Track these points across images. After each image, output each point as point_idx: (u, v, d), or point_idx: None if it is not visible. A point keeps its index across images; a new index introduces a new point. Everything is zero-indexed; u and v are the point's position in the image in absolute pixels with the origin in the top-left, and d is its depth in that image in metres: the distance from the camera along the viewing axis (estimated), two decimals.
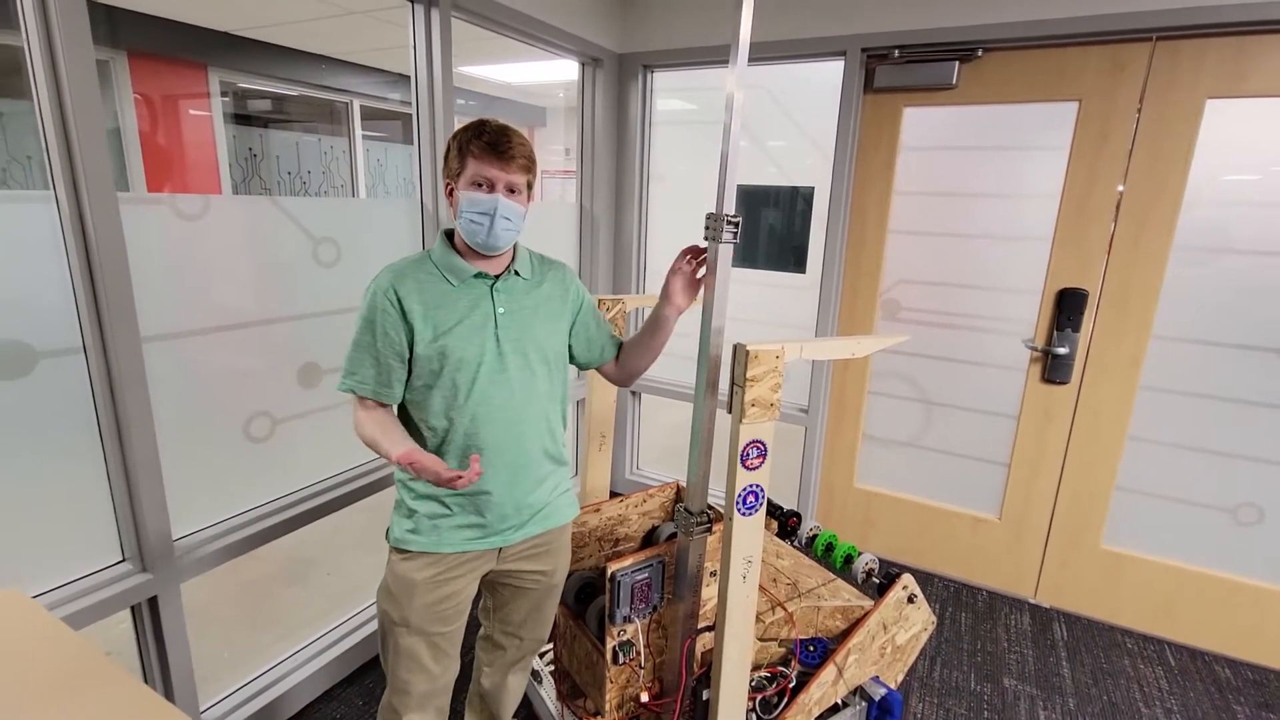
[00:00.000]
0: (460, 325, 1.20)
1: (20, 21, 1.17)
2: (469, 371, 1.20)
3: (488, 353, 1.21)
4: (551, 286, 1.33)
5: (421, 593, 1.23)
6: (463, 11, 2.01)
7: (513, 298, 1.26)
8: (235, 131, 4.00)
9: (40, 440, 1.27)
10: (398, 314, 1.18)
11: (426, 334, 1.18)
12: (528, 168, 1.22)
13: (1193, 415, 2.16)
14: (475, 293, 1.23)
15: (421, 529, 1.23)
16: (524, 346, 1.25)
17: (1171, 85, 2.01)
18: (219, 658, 1.97)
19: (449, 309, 1.20)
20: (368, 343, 1.19)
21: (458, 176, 1.21)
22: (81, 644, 0.88)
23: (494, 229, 1.19)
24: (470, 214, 1.18)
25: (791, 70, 2.56)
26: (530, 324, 1.27)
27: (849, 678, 1.61)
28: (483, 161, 1.17)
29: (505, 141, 1.18)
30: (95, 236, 1.24)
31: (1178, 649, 2.26)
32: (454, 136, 1.22)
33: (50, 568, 1.32)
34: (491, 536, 1.27)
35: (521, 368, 1.25)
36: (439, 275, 1.22)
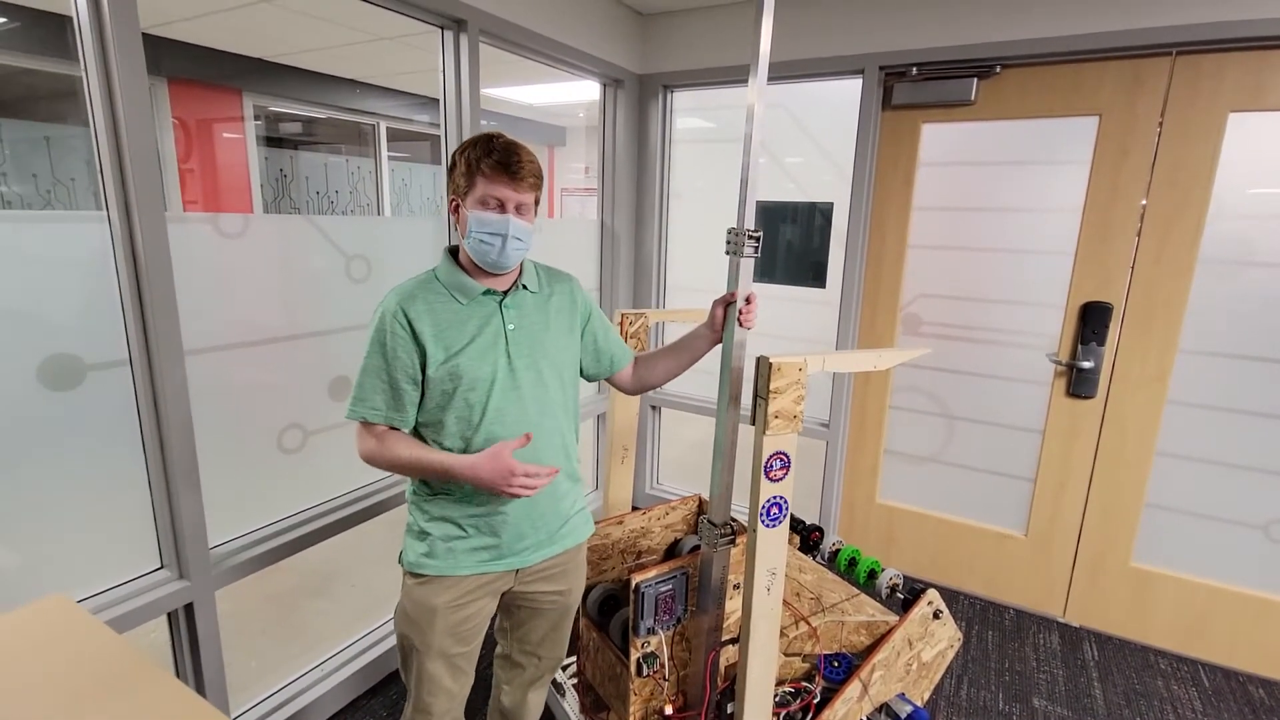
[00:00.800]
0: (472, 344, 1.18)
1: (79, 53, 1.24)
2: (483, 390, 1.18)
3: (500, 370, 1.20)
4: (560, 299, 1.32)
5: (441, 617, 1.22)
6: (490, 36, 2.07)
7: (522, 313, 1.25)
8: (267, 153, 4.14)
9: (87, 449, 1.32)
10: (409, 336, 1.15)
11: (439, 355, 1.16)
12: (537, 185, 1.20)
13: (1222, 430, 2.12)
14: (485, 310, 1.21)
15: (436, 552, 1.22)
16: (536, 361, 1.24)
17: (1193, 99, 2.01)
18: (247, 667, 2.00)
19: (460, 328, 1.18)
20: (378, 367, 1.16)
21: (465, 194, 1.18)
22: (126, 647, 0.91)
23: (505, 249, 1.17)
24: (481, 234, 1.16)
25: (810, 89, 2.59)
26: (541, 338, 1.26)
27: (874, 694, 1.59)
28: (494, 181, 1.15)
29: (516, 160, 1.16)
30: (144, 254, 1.30)
31: (1211, 669, 2.20)
32: (460, 152, 1.19)
33: (93, 573, 1.37)
34: (509, 557, 1.25)
35: (535, 383, 1.24)
36: (447, 295, 1.20)
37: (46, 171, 3.21)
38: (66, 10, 1.24)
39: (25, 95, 3.21)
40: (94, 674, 0.85)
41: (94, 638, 0.93)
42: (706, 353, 1.40)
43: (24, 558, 1.26)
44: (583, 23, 2.45)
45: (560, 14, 2.34)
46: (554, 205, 7.18)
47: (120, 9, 1.23)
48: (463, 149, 1.18)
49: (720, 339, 1.35)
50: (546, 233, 2.73)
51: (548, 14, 2.27)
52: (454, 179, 1.21)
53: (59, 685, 0.82)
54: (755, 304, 1.31)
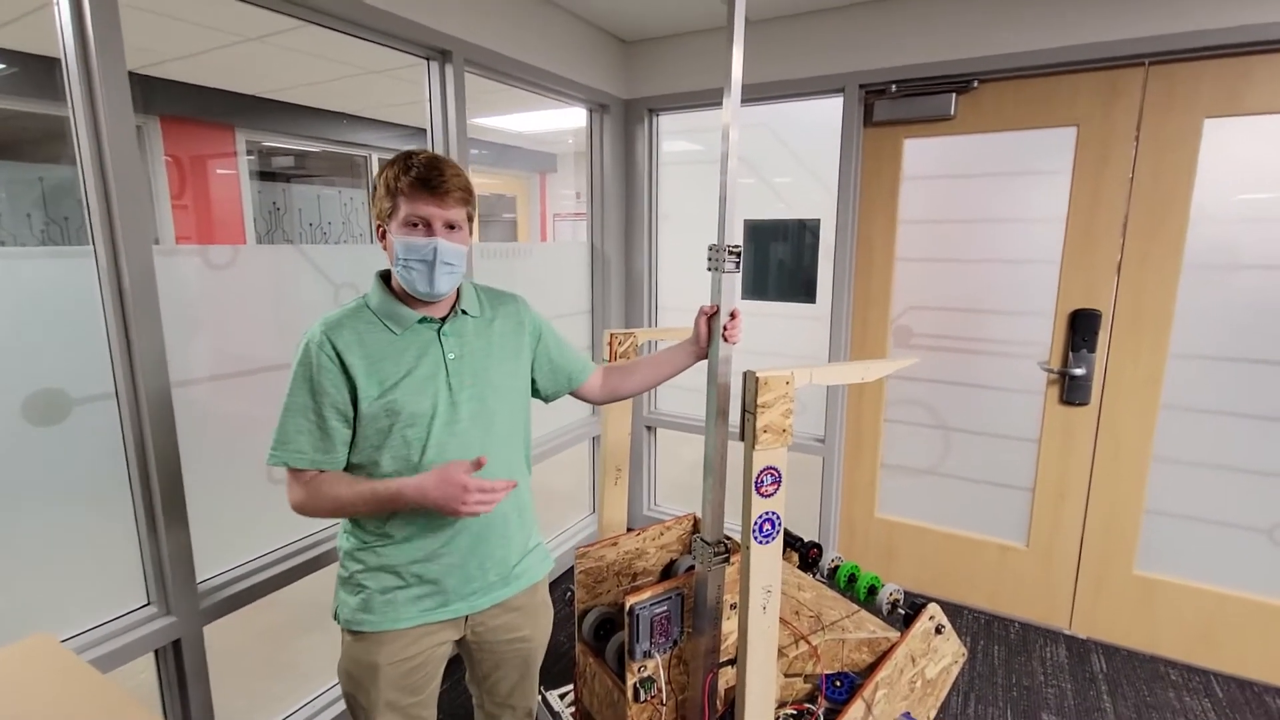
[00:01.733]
0: (408, 377, 1.10)
1: (67, 92, 1.26)
2: (421, 426, 1.10)
3: (441, 403, 1.11)
4: (505, 322, 1.25)
5: (385, 674, 1.13)
6: (476, 66, 2.11)
7: (463, 340, 1.17)
8: (260, 187, 4.18)
9: (73, 484, 1.31)
10: (337, 368, 1.06)
11: (371, 390, 1.08)
12: (466, 199, 1.12)
13: (1218, 433, 2.12)
14: (421, 339, 1.13)
15: (373, 606, 1.13)
16: (481, 392, 1.16)
17: (1169, 107, 2.05)
18: (236, 705, 1.96)
19: (394, 360, 1.10)
20: (303, 405, 1.07)
21: (389, 217, 1.09)
22: (110, 687, 0.89)
23: (435, 276, 1.08)
24: (408, 261, 1.07)
25: (792, 108, 2.63)
26: (485, 365, 1.18)
27: (879, 714, 1.56)
28: (415, 200, 1.06)
29: (438, 175, 1.06)
30: (130, 287, 1.30)
31: (1224, 679, 2.16)
32: (380, 174, 1.10)
33: (78, 611, 1.34)
34: (456, 603, 1.17)
35: (478, 415, 1.15)
36: (379, 324, 1.11)
37: (40, 211, 3.24)
38: (55, 53, 1.26)
39: (19, 138, 3.25)
40: (77, 716, 0.83)
41: (78, 678, 0.91)
42: (689, 366, 1.38)
43: (7, 595, 1.24)
44: (566, 50, 2.50)
45: (543, 42, 2.38)
46: (546, 230, 7.25)
47: (107, 49, 1.25)
48: (382, 170, 1.10)
49: (704, 353, 1.33)
50: (539, 256, 2.75)
51: (531, 42, 2.32)
52: (377, 203, 1.12)
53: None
54: (740, 319, 1.30)
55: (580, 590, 1.70)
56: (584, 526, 3.06)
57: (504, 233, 7.17)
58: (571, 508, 3.17)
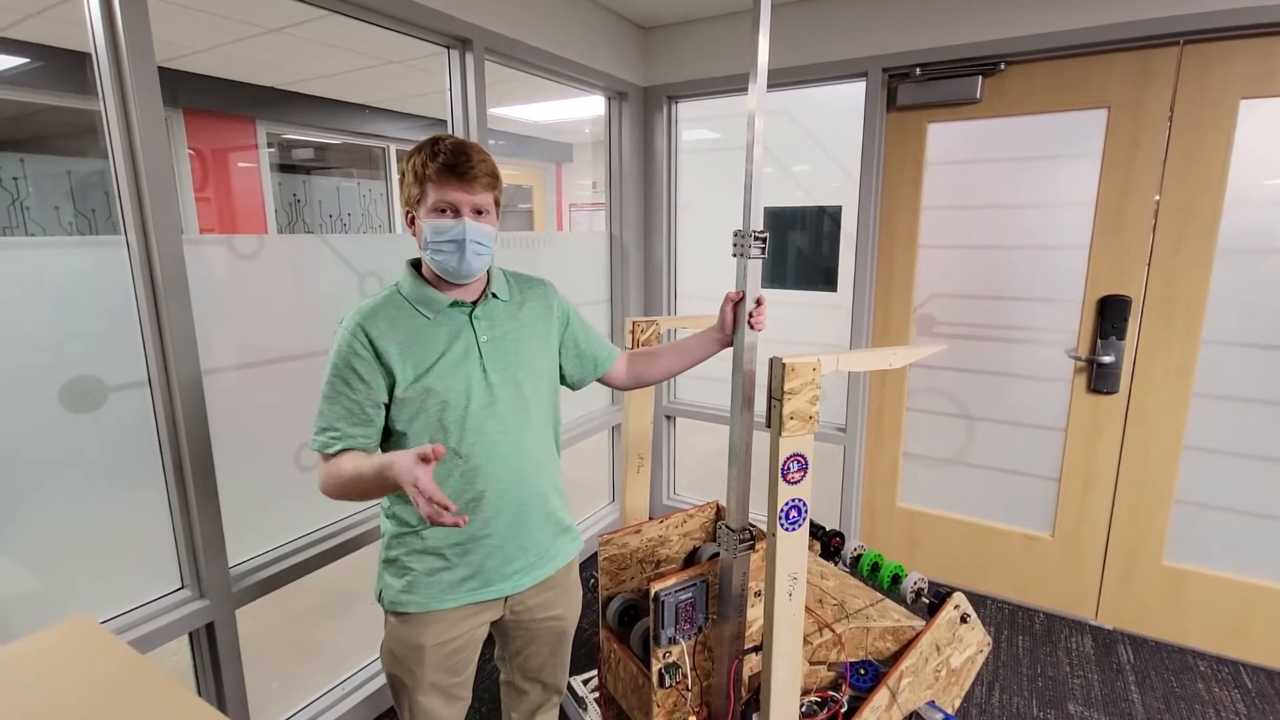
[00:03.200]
0: (442, 360, 1.11)
1: (98, 87, 1.27)
2: (457, 410, 1.11)
3: (475, 386, 1.12)
4: (534, 306, 1.25)
5: (430, 654, 1.16)
6: (496, 55, 2.10)
7: (495, 324, 1.18)
8: (280, 179, 4.22)
9: (108, 470, 1.34)
10: (372, 357, 1.08)
11: (407, 375, 1.09)
12: (492, 185, 1.12)
13: (1252, 422, 2.07)
14: (454, 324, 1.14)
15: (418, 587, 1.15)
16: (514, 374, 1.17)
17: (1203, 88, 1.99)
18: (268, 687, 2.00)
19: (427, 345, 1.11)
20: (341, 393, 1.08)
21: (418, 204, 1.10)
22: (149, 667, 0.91)
23: (465, 256, 1.09)
24: (438, 243, 1.09)
25: (814, 93, 2.60)
26: (517, 349, 1.18)
27: (903, 702, 1.56)
28: (443, 185, 1.07)
29: (465, 160, 1.07)
30: (161, 277, 1.32)
31: (1254, 670, 2.13)
32: (407, 160, 1.11)
33: (114, 594, 1.38)
34: (498, 584, 1.19)
35: (514, 398, 1.16)
36: (411, 310, 1.13)
37: (68, 204, 3.30)
38: (86, 47, 1.27)
39: (47, 131, 3.31)
40: (118, 694, 0.86)
41: (118, 658, 0.93)
42: (714, 354, 1.37)
43: (47, 579, 1.27)
44: (585, 38, 2.49)
45: (563, 30, 2.37)
46: (562, 220, 7.25)
47: (136, 44, 1.26)
48: (409, 156, 1.11)
49: (730, 341, 1.32)
50: (559, 246, 2.75)
51: (551, 30, 2.31)
52: (404, 190, 1.13)
53: (84, 706, 0.83)
54: (765, 306, 1.29)
55: (604, 577, 1.71)
56: (605, 515, 3.08)
57: (520, 223, 7.17)
58: (592, 496, 3.19)
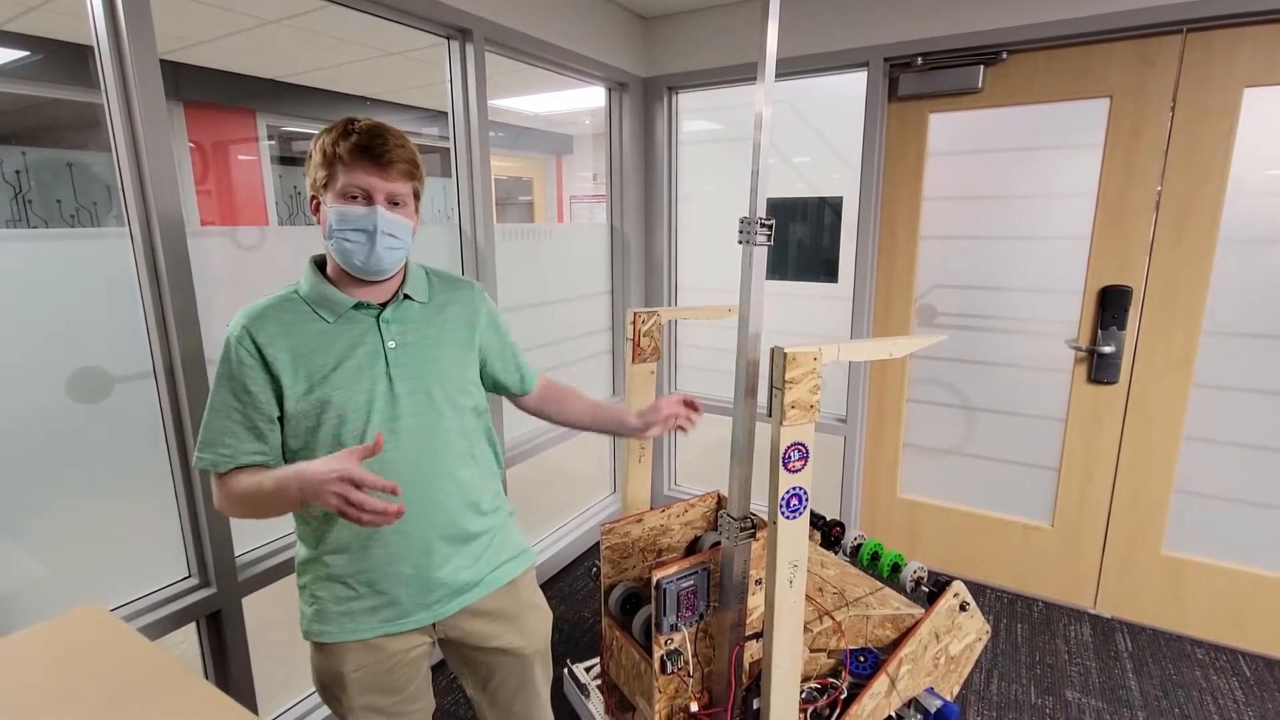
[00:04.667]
0: (340, 369, 0.99)
1: (101, 80, 1.28)
2: (357, 424, 0.99)
3: (378, 398, 1.01)
4: (458, 309, 1.14)
5: (354, 682, 1.06)
6: (496, 45, 2.10)
7: (406, 327, 1.06)
8: (281, 171, 4.21)
9: (116, 460, 1.35)
10: (259, 366, 0.97)
11: (298, 387, 0.98)
12: (411, 174, 1.01)
13: (1252, 412, 2.08)
14: (358, 328, 1.02)
15: (329, 616, 1.05)
16: (425, 384, 1.05)
17: (1206, 76, 1.98)
18: (275, 676, 2.02)
19: (324, 352, 0.99)
20: (226, 405, 0.97)
21: (325, 188, 0.99)
22: (159, 653, 0.93)
23: (375, 248, 0.98)
24: (344, 231, 0.97)
25: (814, 84, 2.59)
26: (432, 355, 1.07)
27: (902, 689, 1.57)
28: (354, 169, 0.96)
29: (381, 144, 0.97)
30: (165, 268, 1.33)
31: (1252, 659, 2.14)
32: (316, 140, 1.00)
33: (122, 583, 1.39)
34: (418, 613, 1.07)
35: (424, 410, 1.05)
36: (309, 312, 1.01)
37: (69, 197, 3.30)
38: (87, 40, 1.28)
39: (49, 124, 3.31)
40: (129, 680, 0.87)
41: (129, 645, 0.95)
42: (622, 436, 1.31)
43: (56, 568, 1.29)
44: (586, 28, 2.48)
45: (563, 20, 2.36)
46: (563, 212, 7.24)
47: (138, 36, 1.26)
48: (318, 137, 1.00)
49: (644, 431, 1.28)
50: (559, 238, 2.75)
51: (551, 21, 2.30)
52: (310, 172, 1.01)
53: (98, 691, 0.84)
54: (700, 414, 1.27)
55: (606, 565, 1.73)
56: (605, 505, 3.09)
57: (520, 215, 7.17)
58: (594, 487, 3.20)
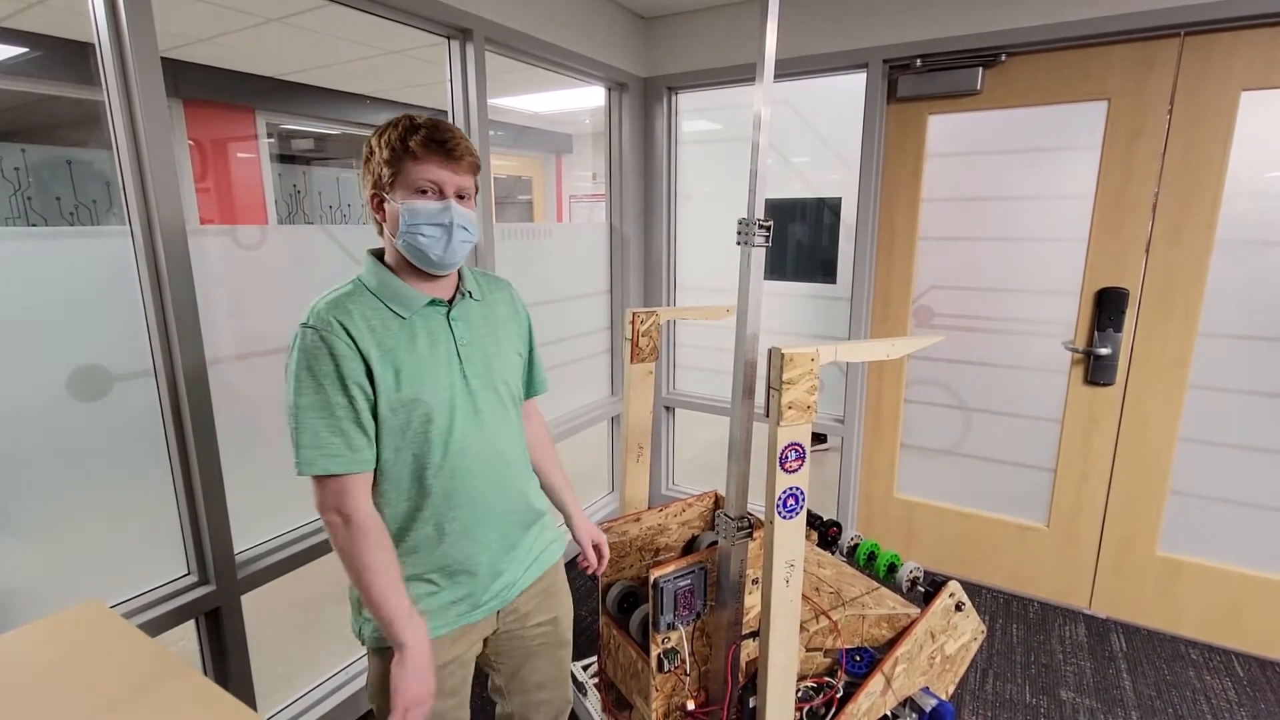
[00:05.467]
0: (422, 366, 1.00)
1: (101, 77, 1.28)
2: (443, 421, 1.01)
3: (458, 395, 1.03)
4: (504, 308, 1.18)
5: None
6: (496, 45, 2.10)
7: (470, 325, 1.08)
8: (280, 170, 4.22)
9: (115, 458, 1.36)
10: (356, 356, 0.95)
11: (388, 381, 0.97)
12: (476, 167, 1.04)
13: (1248, 413, 2.09)
14: (431, 324, 1.03)
15: None
16: (492, 380, 1.08)
17: (1204, 79, 1.99)
18: (274, 672, 2.03)
19: (406, 348, 1.00)
20: (322, 402, 0.94)
21: (391, 184, 0.99)
22: (159, 649, 0.93)
23: (451, 242, 1.00)
24: (420, 227, 0.98)
25: (814, 84, 2.60)
26: (492, 353, 1.10)
27: (898, 688, 1.58)
28: (427, 162, 0.97)
29: (450, 137, 0.98)
30: (166, 267, 1.34)
31: (1246, 659, 2.16)
32: (378, 136, 1.00)
33: (122, 580, 1.40)
34: (490, 601, 1.11)
35: (495, 405, 1.08)
36: (383, 306, 1.01)
37: (69, 194, 3.30)
38: (88, 38, 1.28)
39: (48, 121, 3.31)
40: (130, 675, 0.88)
41: (129, 641, 0.95)
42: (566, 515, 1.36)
43: (57, 565, 1.29)
44: (586, 28, 2.48)
45: (563, 20, 2.36)
46: (562, 211, 7.24)
47: (139, 33, 1.27)
48: (381, 131, 1.00)
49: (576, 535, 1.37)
50: (558, 237, 2.75)
51: (551, 20, 2.30)
52: (371, 169, 1.01)
53: (98, 686, 0.85)
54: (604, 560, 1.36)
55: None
56: (604, 504, 3.10)
57: (520, 214, 7.17)
58: (592, 486, 3.21)
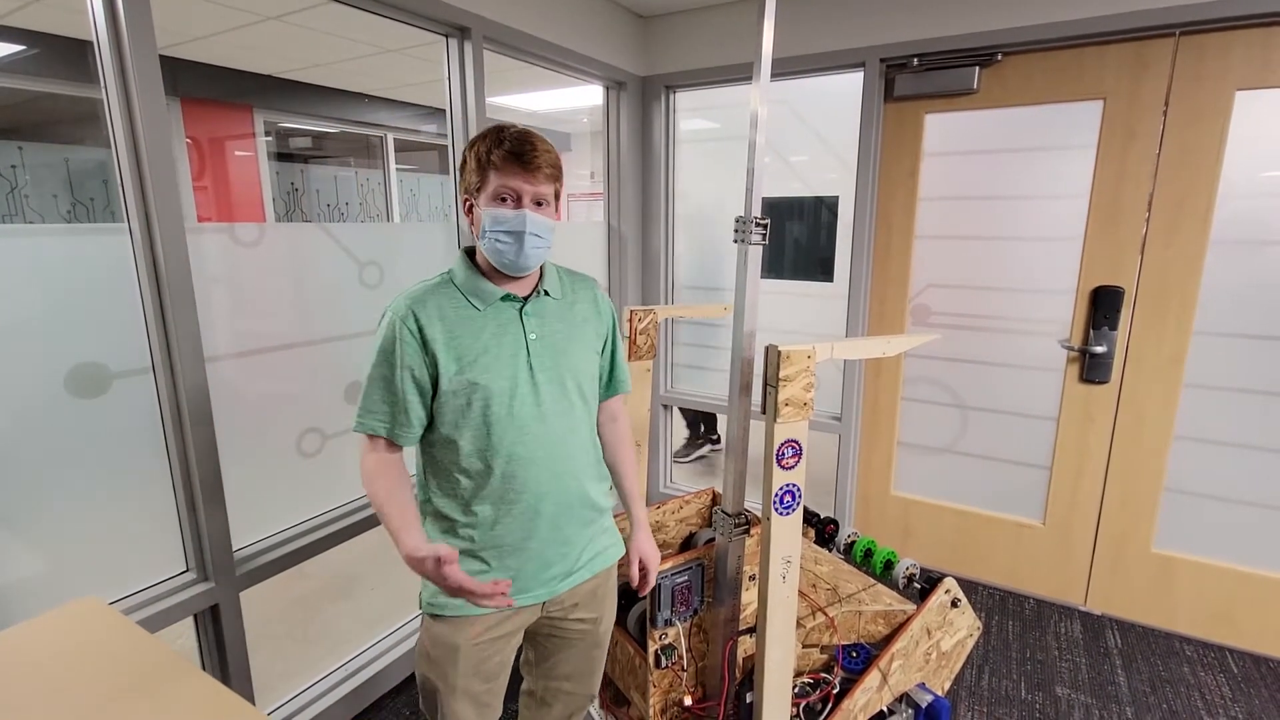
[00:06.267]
0: (488, 354, 1.10)
1: (100, 75, 1.28)
2: (501, 406, 1.09)
3: (520, 384, 1.11)
4: (585, 307, 1.24)
5: (464, 655, 1.15)
6: (495, 44, 2.10)
7: (544, 321, 1.16)
8: (278, 168, 4.21)
9: (113, 456, 1.36)
10: (418, 344, 1.07)
11: (451, 366, 1.08)
12: (555, 176, 1.12)
13: (1242, 412, 2.10)
14: (503, 317, 1.13)
15: None
16: (560, 375, 1.15)
17: (1198, 79, 2.00)
18: (273, 669, 2.04)
19: (474, 337, 1.10)
20: (384, 376, 1.08)
21: (478, 191, 1.10)
22: (158, 645, 0.93)
23: (524, 248, 1.09)
24: (496, 233, 1.08)
25: (811, 83, 2.60)
26: (565, 349, 1.17)
27: (894, 684, 1.59)
28: (506, 173, 1.07)
29: (530, 149, 1.07)
30: (165, 264, 1.34)
31: (1240, 655, 2.17)
32: (470, 147, 1.11)
33: (121, 577, 1.40)
34: (536, 589, 1.17)
35: (559, 399, 1.15)
36: (463, 299, 1.11)
37: (66, 192, 3.30)
38: (86, 35, 1.28)
39: (45, 119, 3.30)
40: (129, 671, 0.88)
41: (128, 637, 0.95)
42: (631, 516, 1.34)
43: (55, 562, 1.30)
44: (584, 27, 2.48)
45: (561, 19, 2.37)
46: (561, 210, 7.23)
47: (138, 31, 1.27)
48: (472, 143, 1.11)
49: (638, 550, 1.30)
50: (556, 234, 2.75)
51: (549, 19, 2.31)
52: (465, 177, 1.13)
53: (97, 683, 0.85)
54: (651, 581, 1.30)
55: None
56: None
57: None
58: None
